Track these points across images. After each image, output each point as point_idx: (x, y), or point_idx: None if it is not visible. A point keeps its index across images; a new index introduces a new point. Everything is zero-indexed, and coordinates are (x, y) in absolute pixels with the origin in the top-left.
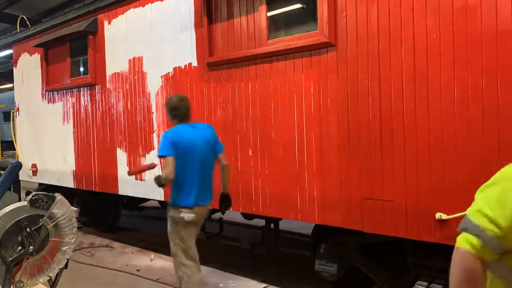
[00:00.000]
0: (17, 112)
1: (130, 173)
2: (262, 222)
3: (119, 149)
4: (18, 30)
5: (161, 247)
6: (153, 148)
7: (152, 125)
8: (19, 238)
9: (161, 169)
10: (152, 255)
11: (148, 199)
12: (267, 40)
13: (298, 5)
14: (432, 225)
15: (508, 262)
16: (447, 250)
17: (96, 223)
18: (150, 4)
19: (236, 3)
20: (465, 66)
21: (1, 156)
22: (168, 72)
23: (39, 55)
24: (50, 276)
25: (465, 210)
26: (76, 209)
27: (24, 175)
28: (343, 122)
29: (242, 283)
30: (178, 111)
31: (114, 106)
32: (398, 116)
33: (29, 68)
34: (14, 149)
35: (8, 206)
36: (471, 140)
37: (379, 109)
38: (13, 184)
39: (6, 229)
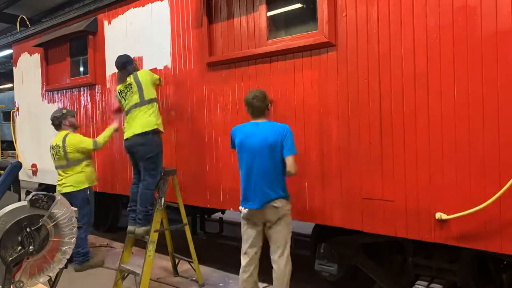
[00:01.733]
0: (17, 112)
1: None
2: None
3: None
4: (18, 30)
5: (161, 247)
6: None
7: None
8: (19, 238)
9: None
10: None
11: None
12: (267, 40)
13: (298, 5)
14: (432, 225)
15: None
16: (447, 250)
17: (96, 223)
18: (150, 4)
19: (236, 3)
20: (465, 66)
21: (1, 156)
22: (169, 72)
23: (39, 55)
24: (50, 276)
25: (465, 210)
26: (76, 209)
27: (24, 175)
28: (343, 122)
29: None
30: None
31: (114, 105)
32: (398, 116)
33: (29, 68)
34: (14, 149)
35: (8, 206)
36: (471, 140)
37: (379, 109)
38: (13, 184)
39: (6, 229)
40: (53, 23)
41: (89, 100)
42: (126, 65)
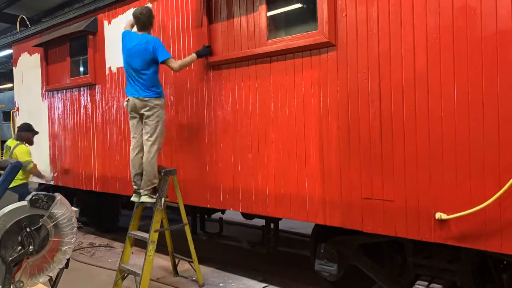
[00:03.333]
0: (17, 112)
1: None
2: (262, 222)
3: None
4: (18, 30)
5: (162, 247)
6: None
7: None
8: (19, 238)
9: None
10: None
11: None
12: (267, 40)
13: (298, 5)
14: (432, 225)
15: None
16: (447, 250)
17: (96, 223)
18: (150, 4)
19: (236, 2)
20: (465, 66)
21: (1, 156)
22: (169, 72)
23: (39, 55)
24: (51, 276)
25: (465, 210)
26: (77, 209)
27: None
28: (343, 122)
29: (242, 283)
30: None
31: (114, 105)
32: (398, 116)
33: (29, 68)
34: None
35: (8, 206)
36: (471, 140)
37: (379, 109)
38: None
39: (6, 229)
40: (53, 23)
41: (89, 100)
42: None
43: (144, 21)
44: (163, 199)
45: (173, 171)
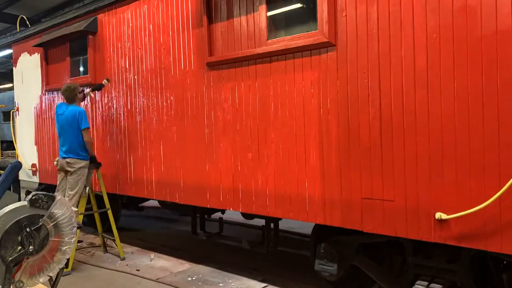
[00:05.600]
0: (17, 112)
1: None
2: (262, 222)
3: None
4: (18, 30)
5: (161, 247)
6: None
7: (152, 124)
8: (19, 238)
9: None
10: (152, 255)
11: (148, 199)
12: (267, 40)
13: (298, 5)
14: (432, 225)
15: None
16: (447, 250)
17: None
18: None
19: (236, 3)
20: (465, 66)
21: (1, 156)
22: (169, 72)
23: (39, 54)
24: (51, 276)
25: (464, 210)
26: (77, 209)
27: (24, 175)
28: (343, 122)
29: (242, 283)
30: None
31: (114, 106)
32: (398, 116)
33: (29, 68)
34: (14, 149)
35: (8, 206)
36: (471, 140)
37: (379, 109)
38: (13, 184)
39: (6, 229)
40: (53, 23)
41: (88, 100)
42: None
43: (67, 96)
44: (87, 188)
45: (97, 165)
